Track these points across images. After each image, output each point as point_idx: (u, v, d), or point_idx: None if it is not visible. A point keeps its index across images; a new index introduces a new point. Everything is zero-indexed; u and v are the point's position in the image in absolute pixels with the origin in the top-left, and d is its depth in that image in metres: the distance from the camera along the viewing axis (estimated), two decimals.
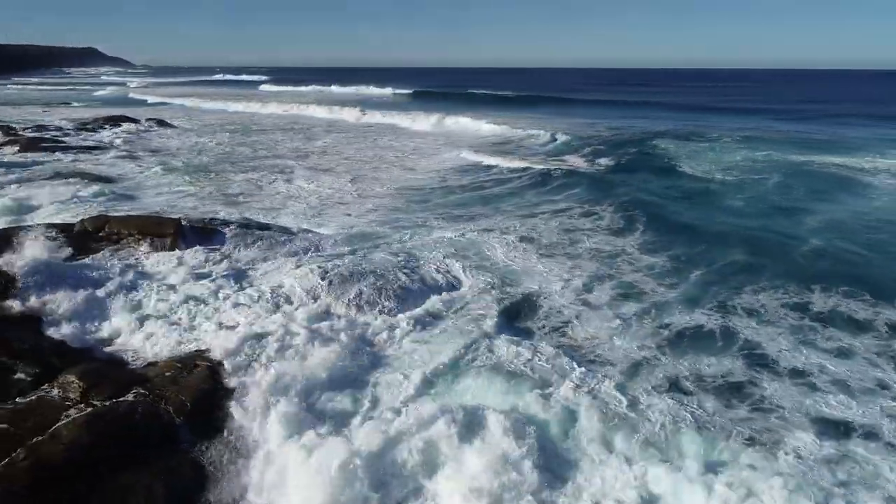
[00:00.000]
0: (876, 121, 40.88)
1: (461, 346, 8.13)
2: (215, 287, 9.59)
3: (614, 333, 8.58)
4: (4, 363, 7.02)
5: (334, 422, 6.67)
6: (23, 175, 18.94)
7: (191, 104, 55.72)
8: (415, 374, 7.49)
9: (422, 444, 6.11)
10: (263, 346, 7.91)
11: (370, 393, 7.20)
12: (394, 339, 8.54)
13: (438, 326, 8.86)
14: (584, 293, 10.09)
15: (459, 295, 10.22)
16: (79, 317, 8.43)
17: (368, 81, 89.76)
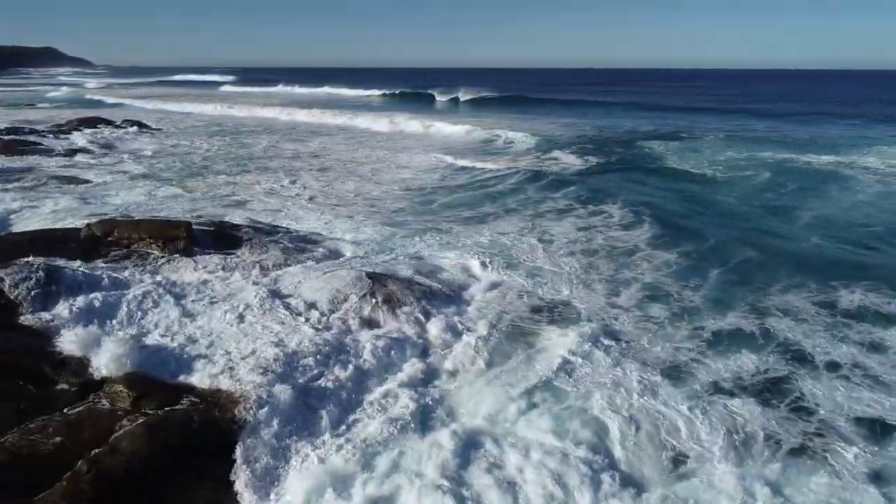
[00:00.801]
0: (850, 120, 42.20)
1: (507, 357, 8.13)
2: (251, 294, 9.34)
3: (650, 336, 8.58)
4: (45, 374, 6.76)
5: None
6: (10, 179, 18.25)
7: (150, 106, 53.96)
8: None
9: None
10: (307, 354, 7.75)
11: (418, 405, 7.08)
12: (449, 347, 8.45)
13: (479, 336, 8.72)
14: (611, 296, 10.12)
15: (492, 297, 10.18)
16: (108, 324, 8.16)
17: (345, 82, 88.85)
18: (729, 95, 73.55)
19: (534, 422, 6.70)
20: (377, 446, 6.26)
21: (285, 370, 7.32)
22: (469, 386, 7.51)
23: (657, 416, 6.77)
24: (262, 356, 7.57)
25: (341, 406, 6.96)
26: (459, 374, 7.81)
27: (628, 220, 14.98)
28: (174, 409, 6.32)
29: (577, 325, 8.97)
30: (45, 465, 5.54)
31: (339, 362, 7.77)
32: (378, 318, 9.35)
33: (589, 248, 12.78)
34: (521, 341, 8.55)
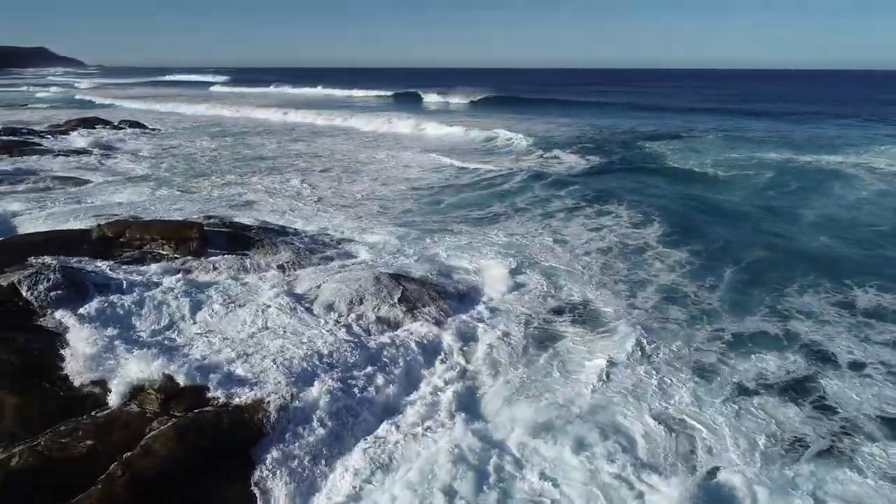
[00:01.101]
0: (846, 119, 42.46)
1: (532, 360, 8.14)
2: (271, 296, 9.31)
3: (673, 339, 8.57)
4: (69, 377, 6.70)
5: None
6: (13, 181, 18.09)
7: (139, 106, 53.04)
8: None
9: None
10: (333, 356, 7.73)
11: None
12: (472, 350, 8.45)
13: (502, 338, 8.70)
14: (630, 297, 10.12)
15: (512, 298, 10.18)
16: (129, 326, 8.10)
17: (340, 83, 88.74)
18: (726, 95, 73.79)
19: (563, 427, 6.64)
20: (409, 452, 6.20)
21: (313, 372, 7.29)
22: (496, 390, 7.47)
23: (685, 418, 6.78)
24: (288, 358, 7.54)
25: (371, 409, 6.93)
26: (485, 378, 7.77)
27: (637, 220, 15.03)
28: (203, 410, 6.27)
29: (600, 327, 9.00)
30: (77, 469, 5.50)
31: (365, 364, 7.74)
32: (399, 319, 9.32)
33: (602, 248, 12.82)
34: (545, 344, 8.55)
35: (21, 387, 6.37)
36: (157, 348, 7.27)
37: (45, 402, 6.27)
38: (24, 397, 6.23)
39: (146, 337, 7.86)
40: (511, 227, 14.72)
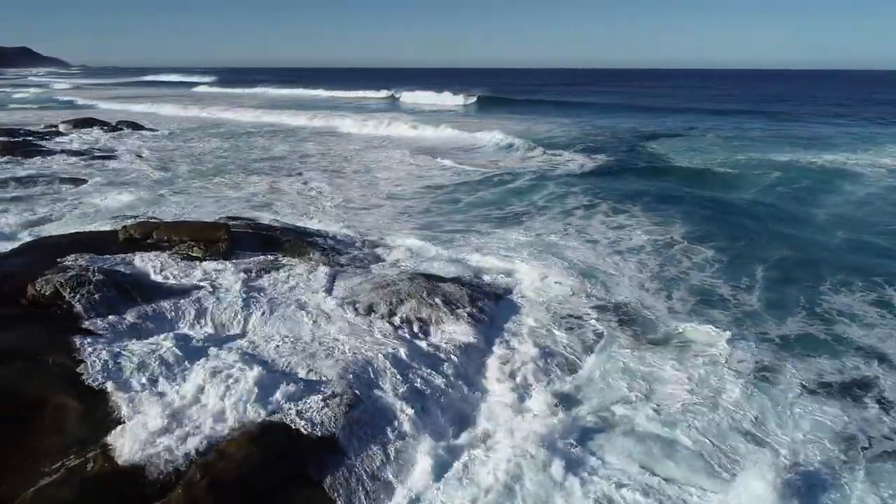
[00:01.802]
0: (845, 118, 43.02)
1: (580, 362, 8.16)
2: (312, 297, 9.25)
3: (723, 342, 8.55)
4: None
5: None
6: (22, 183, 17.81)
7: (118, 107, 51.30)
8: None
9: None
10: (387, 358, 7.67)
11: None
12: (519, 353, 8.43)
13: (549, 340, 8.70)
14: (668, 298, 10.13)
15: (552, 298, 10.19)
16: (180, 329, 8.00)
17: (337, 83, 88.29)
18: (722, 96, 74.10)
19: (622, 435, 6.57)
20: (483, 458, 6.12)
21: (374, 375, 7.23)
22: (553, 393, 7.44)
23: (745, 421, 6.78)
24: (347, 360, 7.46)
25: (436, 410, 6.88)
26: (539, 381, 7.72)
27: (656, 219, 15.09)
28: (273, 414, 6.19)
29: (648, 330, 8.94)
30: (152, 472, 5.41)
31: (420, 365, 7.68)
32: (441, 319, 9.25)
33: (631, 247, 12.83)
34: (593, 346, 8.51)
35: (82, 391, 6.25)
36: (214, 350, 7.17)
37: (109, 405, 6.14)
38: (88, 401, 6.11)
39: (199, 341, 7.73)
40: (534, 226, 14.72)
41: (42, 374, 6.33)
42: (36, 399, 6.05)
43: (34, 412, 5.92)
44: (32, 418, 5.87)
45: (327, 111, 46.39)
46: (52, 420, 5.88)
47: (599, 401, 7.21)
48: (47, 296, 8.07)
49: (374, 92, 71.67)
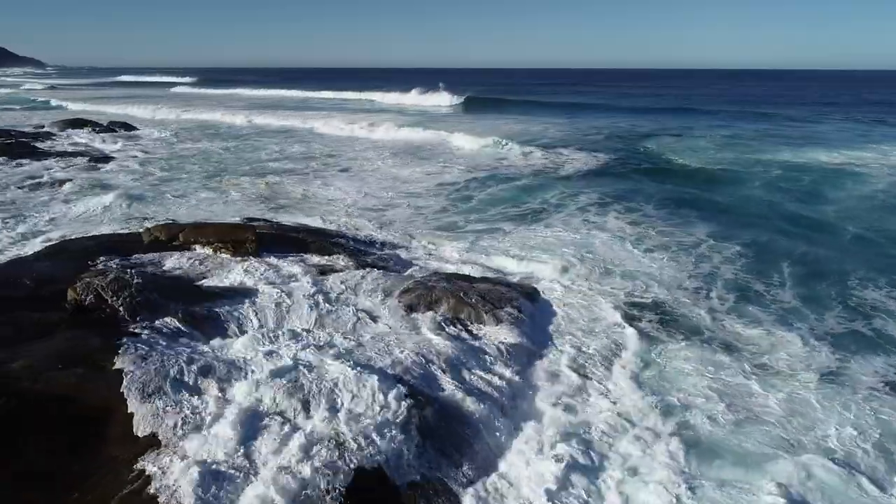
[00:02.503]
0: (834, 117, 43.77)
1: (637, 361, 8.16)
2: (351, 297, 9.19)
3: (773, 340, 8.59)
4: (194, 384, 6.46)
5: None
6: (24, 184, 17.43)
7: (103, 109, 49.28)
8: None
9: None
10: (445, 359, 7.63)
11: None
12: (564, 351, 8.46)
13: (596, 342, 8.69)
14: (707, 296, 10.18)
15: (590, 296, 10.21)
16: (229, 329, 7.89)
17: (321, 83, 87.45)
18: (713, 96, 74.10)
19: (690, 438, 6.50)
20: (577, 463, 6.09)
21: (432, 374, 7.18)
22: (606, 391, 7.46)
23: (818, 425, 6.74)
24: (406, 361, 7.41)
25: (498, 409, 6.85)
26: (588, 379, 7.71)
27: (673, 219, 15.16)
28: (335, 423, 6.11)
29: (695, 333, 8.89)
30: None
31: (474, 365, 7.64)
32: (482, 319, 9.21)
33: (657, 245, 12.89)
34: (642, 346, 8.49)
35: (145, 396, 6.10)
36: (276, 351, 7.07)
37: (174, 411, 6.01)
38: (152, 407, 5.97)
39: (257, 343, 7.61)
40: (553, 223, 14.73)
41: (103, 380, 6.17)
42: (101, 405, 5.90)
43: (102, 418, 5.78)
44: (101, 425, 5.72)
45: (314, 112, 45.93)
46: (122, 426, 5.75)
47: (661, 402, 7.18)
48: (90, 299, 7.88)
49: (355, 93, 69.93)
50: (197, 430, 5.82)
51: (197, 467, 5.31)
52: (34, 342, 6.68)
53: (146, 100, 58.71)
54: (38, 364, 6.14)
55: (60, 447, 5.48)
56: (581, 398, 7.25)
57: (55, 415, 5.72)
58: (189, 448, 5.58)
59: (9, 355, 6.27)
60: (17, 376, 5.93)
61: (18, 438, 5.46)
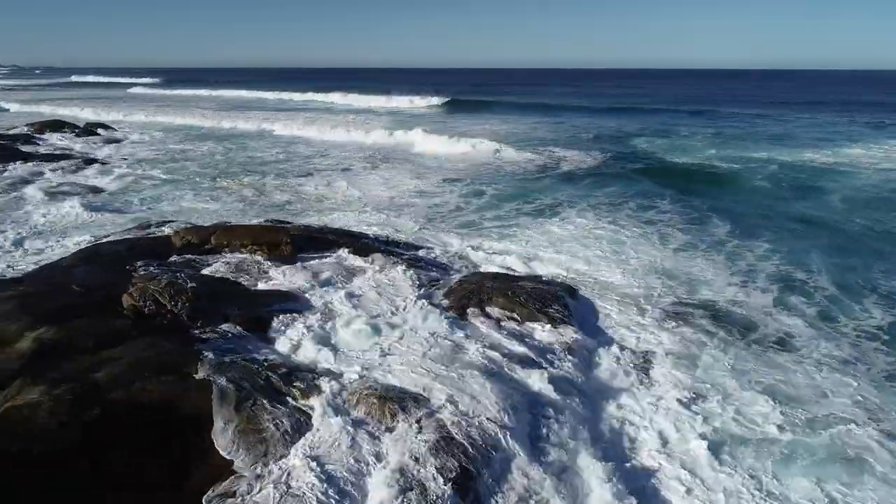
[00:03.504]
0: (813, 115, 44.87)
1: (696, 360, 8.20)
2: (406, 295, 9.10)
3: (829, 334, 8.75)
4: (287, 390, 6.27)
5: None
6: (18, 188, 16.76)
7: (42, 109, 47.15)
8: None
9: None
10: (510, 357, 7.60)
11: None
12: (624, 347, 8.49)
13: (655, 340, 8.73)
14: (752, 288, 10.35)
15: (635, 294, 10.27)
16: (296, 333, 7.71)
17: (290, 85, 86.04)
18: (692, 95, 75.02)
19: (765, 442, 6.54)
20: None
21: (506, 378, 7.12)
22: (676, 384, 7.51)
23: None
24: (474, 361, 7.34)
25: (580, 414, 6.84)
26: (665, 382, 7.71)
27: (687, 215, 15.40)
28: (440, 420, 6.00)
29: (749, 329, 8.95)
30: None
31: (543, 366, 7.62)
32: (534, 317, 9.16)
33: (686, 242, 13.04)
34: (695, 344, 8.52)
35: (238, 404, 5.90)
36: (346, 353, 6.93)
37: (274, 420, 5.81)
38: (250, 414, 5.78)
39: (320, 346, 7.45)
40: (572, 221, 14.82)
41: (192, 388, 5.94)
42: (194, 414, 5.68)
43: (197, 427, 5.57)
44: (198, 433, 5.52)
45: (286, 112, 45.09)
46: (220, 434, 5.54)
47: (731, 402, 7.21)
48: (149, 306, 7.59)
49: (324, 95, 67.68)
50: (299, 434, 5.66)
51: (311, 472, 5.17)
52: (108, 350, 6.39)
53: (101, 101, 56.44)
54: (123, 373, 5.89)
55: (159, 457, 5.27)
56: (642, 392, 7.27)
57: (151, 424, 5.49)
58: (295, 453, 5.42)
59: (91, 364, 5.99)
60: (107, 386, 5.67)
61: (115, 451, 5.23)
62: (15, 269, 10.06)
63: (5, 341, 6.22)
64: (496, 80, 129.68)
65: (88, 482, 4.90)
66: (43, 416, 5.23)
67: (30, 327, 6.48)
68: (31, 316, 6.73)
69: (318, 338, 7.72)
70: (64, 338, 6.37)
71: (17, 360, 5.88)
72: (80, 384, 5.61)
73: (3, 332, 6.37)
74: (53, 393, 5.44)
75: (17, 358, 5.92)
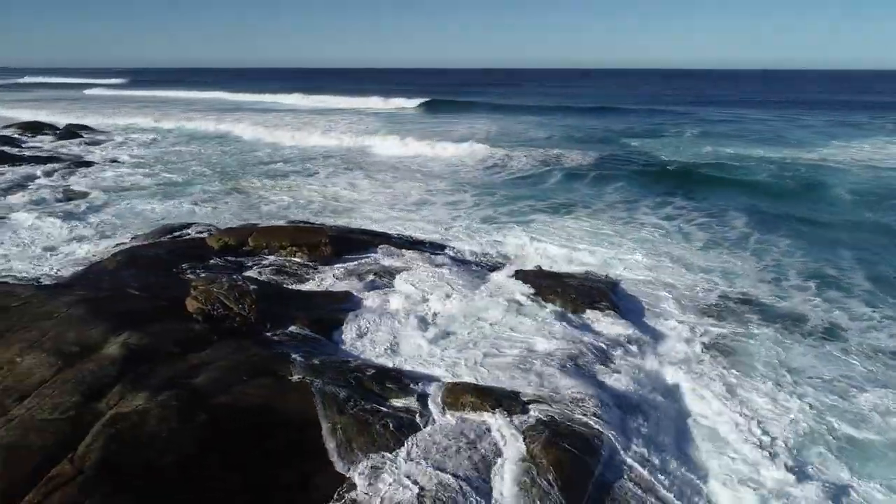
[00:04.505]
0: (792, 113, 45.99)
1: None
2: (467, 297, 9.07)
3: (868, 324, 8.99)
4: (377, 389, 6.19)
5: None
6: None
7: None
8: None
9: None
10: (589, 354, 7.65)
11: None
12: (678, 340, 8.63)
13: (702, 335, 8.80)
14: (787, 285, 10.55)
15: (669, 289, 10.41)
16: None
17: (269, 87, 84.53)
18: (666, 94, 76.46)
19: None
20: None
21: (586, 374, 7.17)
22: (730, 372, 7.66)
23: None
24: (550, 355, 7.38)
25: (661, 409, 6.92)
26: (712, 366, 7.84)
27: (701, 212, 15.66)
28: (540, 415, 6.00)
29: (793, 324, 9.06)
30: None
31: (615, 360, 7.70)
32: (586, 312, 9.24)
33: (711, 238, 13.26)
34: (754, 335, 8.66)
35: (339, 407, 5.79)
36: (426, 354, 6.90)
37: (379, 421, 5.72)
38: (352, 416, 5.68)
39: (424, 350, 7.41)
40: (589, 217, 15.01)
41: (291, 391, 5.81)
42: (298, 417, 5.56)
43: (303, 429, 5.45)
44: (305, 435, 5.40)
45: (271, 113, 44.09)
46: (329, 436, 5.44)
47: (798, 394, 7.31)
48: (217, 309, 7.41)
49: (285, 95, 65.75)
50: (407, 434, 5.60)
51: (431, 470, 5.13)
52: (194, 354, 6.22)
53: (59, 104, 53.80)
54: (221, 377, 5.74)
55: (274, 461, 5.15)
56: (707, 383, 7.40)
57: (257, 428, 5.36)
58: (408, 453, 5.36)
59: (185, 369, 5.82)
60: (209, 391, 5.52)
61: (227, 457, 5.09)
62: (52, 273, 9.69)
63: (93, 347, 6.00)
64: (473, 81, 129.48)
65: (208, 491, 4.76)
66: (152, 423, 5.06)
67: (112, 332, 6.27)
68: (106, 321, 6.51)
69: (384, 338, 7.69)
70: (149, 343, 6.17)
71: (111, 367, 5.67)
72: (181, 390, 5.46)
73: (88, 337, 6.13)
74: (158, 399, 5.27)
75: (110, 364, 5.71)
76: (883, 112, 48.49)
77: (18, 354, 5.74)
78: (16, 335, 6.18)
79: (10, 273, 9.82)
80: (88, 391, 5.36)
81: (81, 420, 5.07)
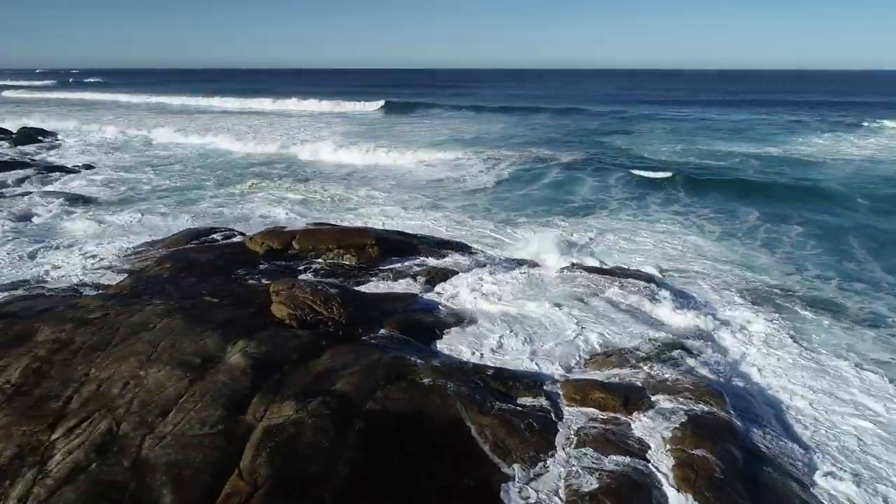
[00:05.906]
0: (761, 109, 47.52)
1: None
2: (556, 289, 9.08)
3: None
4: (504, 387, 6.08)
5: None
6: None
7: None
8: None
9: None
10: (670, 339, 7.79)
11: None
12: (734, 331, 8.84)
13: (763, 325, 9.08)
14: (814, 276, 11.02)
15: (708, 284, 10.72)
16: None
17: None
18: (622, 94, 77.75)
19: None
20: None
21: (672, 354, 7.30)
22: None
23: None
24: (639, 348, 7.50)
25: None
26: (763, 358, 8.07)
27: (707, 207, 16.13)
28: (682, 408, 6.04)
29: (823, 306, 9.57)
30: None
31: (697, 353, 7.85)
32: (644, 303, 9.37)
33: (725, 232, 13.77)
34: (800, 322, 9.08)
35: (485, 410, 5.64)
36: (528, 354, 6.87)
37: (525, 420, 5.60)
38: (496, 417, 5.57)
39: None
40: (604, 214, 15.37)
41: (432, 394, 5.63)
42: (444, 419, 5.41)
43: (454, 431, 5.31)
44: (457, 437, 5.26)
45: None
46: (480, 436, 5.32)
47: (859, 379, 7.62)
48: (307, 314, 7.13)
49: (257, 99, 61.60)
50: (552, 431, 5.56)
51: (591, 465, 5.10)
52: (314, 361, 5.96)
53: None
54: (361, 383, 5.52)
55: (439, 465, 5.00)
56: (774, 370, 7.70)
57: (414, 433, 5.19)
58: (561, 449, 5.34)
59: (319, 376, 5.58)
60: (354, 398, 5.30)
61: (393, 463, 4.90)
62: (88, 281, 9.07)
63: (213, 357, 5.65)
64: (419, 83, 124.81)
65: (388, 496, 4.59)
66: (308, 434, 4.83)
67: (225, 341, 5.92)
68: (212, 331, 6.15)
69: (474, 339, 7.60)
70: (267, 351, 5.87)
71: (242, 377, 5.36)
72: (327, 397, 5.22)
73: (204, 347, 5.77)
74: (309, 409, 5.02)
75: (241, 374, 5.40)
76: (823, 110, 50.67)
77: (140, 368, 5.35)
78: (120, 348, 5.77)
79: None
80: (230, 403, 5.06)
81: (232, 434, 4.79)
